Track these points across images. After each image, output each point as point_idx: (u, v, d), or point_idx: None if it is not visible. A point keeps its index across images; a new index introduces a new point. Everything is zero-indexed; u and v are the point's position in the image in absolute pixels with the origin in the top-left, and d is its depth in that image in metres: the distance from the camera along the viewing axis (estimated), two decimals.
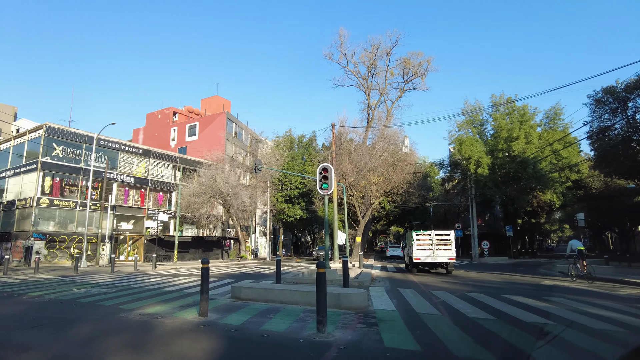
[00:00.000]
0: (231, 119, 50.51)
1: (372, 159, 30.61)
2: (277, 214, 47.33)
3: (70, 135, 31.64)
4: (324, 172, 14.13)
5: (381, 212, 44.50)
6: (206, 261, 7.17)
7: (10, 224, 31.04)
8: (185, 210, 35.54)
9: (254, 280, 15.34)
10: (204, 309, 7.04)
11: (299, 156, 50.21)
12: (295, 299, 8.56)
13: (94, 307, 8.46)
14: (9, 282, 14.82)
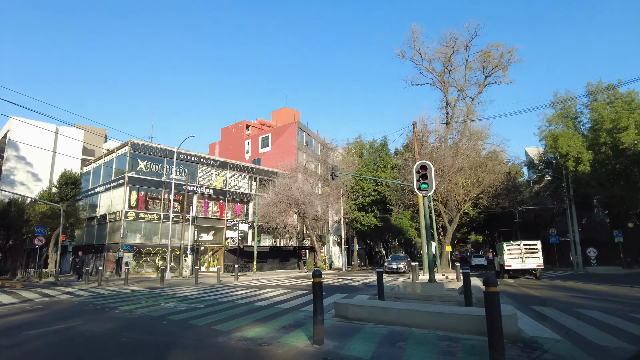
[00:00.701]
0: (302, 128, 50.31)
1: (458, 160, 28.10)
2: (350, 223, 45.90)
3: (152, 150, 32.86)
4: (422, 171, 12.49)
5: (463, 218, 41.33)
6: (318, 274, 5.87)
7: (103, 237, 32.81)
8: (262, 220, 35.40)
9: (347, 294, 13.98)
10: (318, 334, 5.72)
11: (370, 162, 48.56)
12: (420, 321, 6.97)
13: (187, 328, 7.53)
14: (102, 294, 14.83)
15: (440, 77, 36.67)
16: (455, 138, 33.50)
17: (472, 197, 30.39)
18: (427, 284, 13.23)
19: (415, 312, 7.07)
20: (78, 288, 18.12)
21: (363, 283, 20.11)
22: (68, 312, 10.00)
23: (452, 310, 6.83)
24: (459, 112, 35.42)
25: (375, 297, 12.14)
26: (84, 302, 12.26)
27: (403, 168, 33.11)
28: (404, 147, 40.33)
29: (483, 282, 4.55)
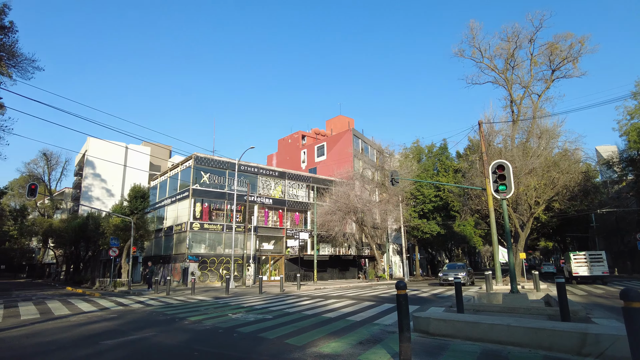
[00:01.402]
0: (357, 135, 49.78)
1: (529, 160, 26.10)
2: (410, 231, 44.39)
3: (214, 163, 33.87)
4: (499, 171, 11.48)
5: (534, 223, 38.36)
6: (403, 285, 5.26)
7: (170, 247, 34.17)
8: (321, 229, 35.15)
9: (419, 306, 13.14)
10: (406, 353, 5.09)
11: (430, 167, 46.83)
12: (517, 338, 6.09)
13: (258, 341, 7.19)
14: (171, 304, 15.11)
15: (502, 74, 34.59)
16: (522, 137, 31.32)
17: (546, 200, 28.10)
18: (508, 294, 12.10)
19: (511, 327, 6.20)
20: (149, 297, 18.72)
21: (432, 294, 19.01)
22: (141, 322, 10.12)
23: (557, 327, 5.90)
24: (525, 110, 33.11)
25: (451, 310, 11.22)
26: (154, 311, 12.47)
27: (469, 171, 31.41)
28: (466, 149, 38.38)
29: (621, 295, 3.72)
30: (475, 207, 33.23)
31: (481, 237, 54.10)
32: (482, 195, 28.23)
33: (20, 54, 21.70)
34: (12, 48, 21.32)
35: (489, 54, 34.38)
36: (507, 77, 34.02)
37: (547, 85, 33.02)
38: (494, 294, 14.10)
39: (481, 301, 14.21)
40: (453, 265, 29.90)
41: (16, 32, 21.17)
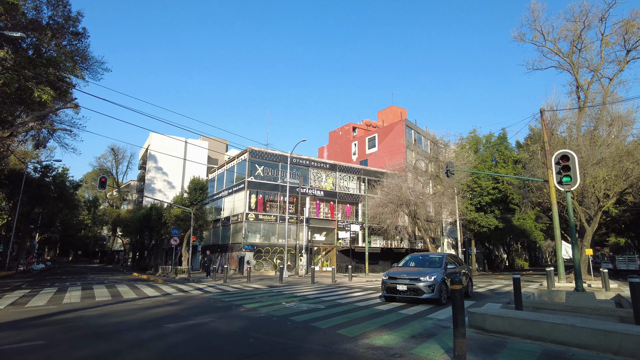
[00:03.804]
0: (409, 125, 48.72)
1: (597, 149, 24.24)
2: (466, 224, 42.86)
3: (268, 156, 34.70)
4: (563, 162, 10.78)
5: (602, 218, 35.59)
6: (458, 280, 5.13)
7: (227, 237, 35.63)
8: (372, 221, 34.98)
9: (474, 302, 12.74)
10: (460, 349, 4.97)
11: (488, 158, 44.79)
12: (583, 339, 5.74)
13: (311, 331, 7.33)
14: (228, 291, 15.76)
15: (567, 57, 32.23)
16: (589, 125, 29.12)
17: (617, 193, 25.99)
18: (573, 293, 11.40)
19: (576, 328, 5.85)
20: (207, 285, 19.64)
21: (489, 289, 18.34)
22: (200, 307, 10.66)
23: (631, 330, 5.48)
24: (593, 96, 30.68)
25: (508, 306, 10.77)
26: (212, 298, 13.07)
27: (529, 162, 29.80)
28: (527, 139, 36.35)
29: None
30: (536, 200, 31.48)
31: (542, 231, 51.20)
32: (544, 187, 26.74)
33: (91, 57, 23.43)
34: (85, 52, 23.05)
35: (552, 37, 32.16)
36: (572, 60, 31.69)
37: (620, 67, 30.37)
38: (556, 292, 13.34)
39: (542, 298, 13.51)
40: (416, 258, 13.89)
41: (88, 37, 22.83)
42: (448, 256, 13.14)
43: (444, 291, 11.28)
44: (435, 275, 11.27)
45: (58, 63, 19.49)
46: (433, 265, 12.53)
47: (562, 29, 31.98)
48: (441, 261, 12.63)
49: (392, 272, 12.12)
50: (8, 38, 16.97)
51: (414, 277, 11.32)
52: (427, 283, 11.03)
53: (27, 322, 8.06)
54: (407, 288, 10.45)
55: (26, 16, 19.08)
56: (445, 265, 12.22)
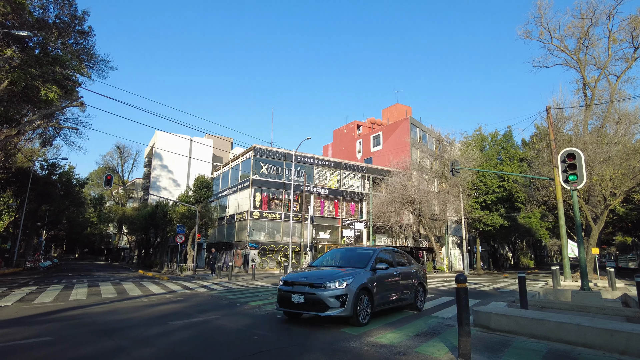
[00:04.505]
0: (414, 123, 48.58)
1: (604, 148, 24.05)
2: (471, 223, 42.73)
3: (272, 154, 34.77)
4: (569, 160, 10.72)
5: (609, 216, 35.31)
6: (463, 279, 5.11)
7: (232, 235, 35.77)
8: (377, 220, 34.99)
9: (479, 300, 12.72)
10: (465, 348, 4.97)
11: (493, 156, 44.59)
12: (589, 339, 5.70)
13: (314, 329, 7.34)
14: (233, 289, 15.82)
15: (574, 55, 32.00)
16: (596, 123, 28.89)
17: (624, 191, 25.78)
18: (578, 292, 11.36)
19: (582, 327, 5.82)
20: (212, 282, 19.73)
21: (494, 288, 18.31)
22: (205, 305, 10.71)
23: (637, 330, 5.44)
24: (600, 93, 30.44)
25: (513, 305, 10.73)
26: (217, 295, 13.13)
27: (535, 160, 29.63)
28: (533, 137, 36.14)
29: None
30: (542, 199, 31.31)
31: (548, 230, 50.93)
32: (550, 185, 26.56)
33: (97, 56, 23.55)
34: (91, 51, 23.18)
35: (558, 34, 31.94)
36: (579, 58, 31.45)
37: (628, 64, 30.12)
38: (562, 291, 13.31)
39: (547, 297, 13.48)
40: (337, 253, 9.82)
41: (94, 35, 22.95)
42: (383, 252, 9.11)
43: (363, 304, 7.48)
44: (351, 279, 7.37)
45: (64, 62, 19.62)
46: (357, 264, 8.42)
47: (569, 26, 31.73)
48: (368, 259, 8.46)
49: (290, 275, 8.22)
50: (15, 37, 17.10)
51: (317, 282, 7.38)
52: (334, 292, 7.13)
53: (35, 318, 8.14)
54: (305, 299, 7.09)
55: (33, 15, 19.21)
56: (373, 266, 8.17)
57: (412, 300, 9.41)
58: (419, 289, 9.78)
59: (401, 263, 9.52)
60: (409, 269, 9.56)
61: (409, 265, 9.76)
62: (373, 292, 7.71)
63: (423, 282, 10.06)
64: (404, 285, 9.04)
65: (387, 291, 8.35)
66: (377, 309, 8.00)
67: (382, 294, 8.12)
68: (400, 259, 9.70)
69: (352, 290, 7.20)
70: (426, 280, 10.39)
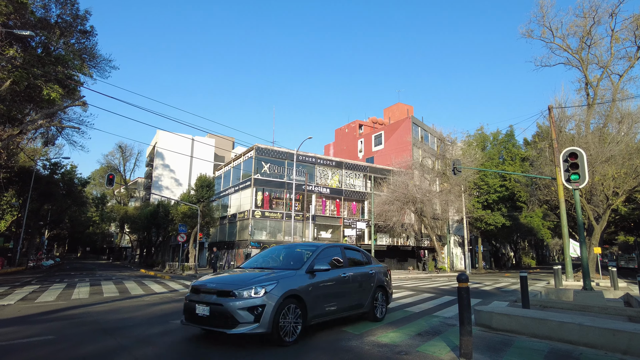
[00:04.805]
0: (416, 122, 48.55)
1: (607, 147, 24.01)
2: (473, 222, 42.70)
3: (274, 153, 34.80)
4: (571, 159, 10.70)
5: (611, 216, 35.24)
6: (465, 278, 5.11)
7: (234, 234, 35.83)
8: (378, 219, 34.99)
9: (481, 299, 12.71)
10: (466, 347, 4.97)
11: (495, 155, 44.54)
12: (590, 339, 5.70)
13: (316, 327, 7.34)
14: None
15: (576, 54, 31.94)
16: (599, 123, 28.83)
17: (626, 191, 25.73)
18: (580, 291, 11.32)
19: (584, 327, 5.81)
20: None
21: (495, 287, 18.29)
22: None
23: (639, 329, 5.43)
24: (602, 93, 30.39)
25: (515, 305, 10.73)
26: None
27: (537, 159, 29.59)
28: (535, 136, 36.09)
29: None
30: (544, 198, 31.28)
31: (550, 229, 50.87)
32: (552, 185, 26.52)
33: (99, 56, 23.58)
34: (93, 50, 23.21)
35: (560, 33, 31.88)
36: (581, 57, 31.37)
37: (630, 63, 30.05)
38: (564, 290, 13.29)
39: (549, 297, 13.46)
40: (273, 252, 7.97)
41: (96, 35, 22.98)
42: (329, 249, 7.35)
43: (290, 318, 5.79)
44: (272, 285, 5.73)
45: (66, 61, 19.66)
46: (292, 264, 6.82)
47: (571, 25, 31.66)
48: (305, 258, 6.85)
49: (202, 280, 6.41)
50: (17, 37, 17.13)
51: (226, 289, 5.73)
52: (246, 303, 5.49)
53: (37, 317, 8.18)
54: (210, 312, 5.50)
55: (35, 15, 19.25)
56: (311, 267, 6.48)
57: (369, 308, 7.70)
58: (379, 294, 8.03)
59: (357, 263, 7.91)
60: (365, 271, 7.85)
61: (366, 266, 8.05)
62: (306, 301, 6.01)
63: (385, 287, 8.30)
64: (356, 290, 7.38)
65: (330, 298, 6.64)
66: (313, 321, 6.27)
67: (322, 303, 6.40)
68: (355, 257, 8.08)
69: (273, 299, 5.52)
70: (390, 284, 8.69)
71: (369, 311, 7.75)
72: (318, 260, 6.71)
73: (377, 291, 7.96)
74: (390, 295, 8.58)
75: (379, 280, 8.10)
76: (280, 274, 6.15)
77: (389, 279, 8.70)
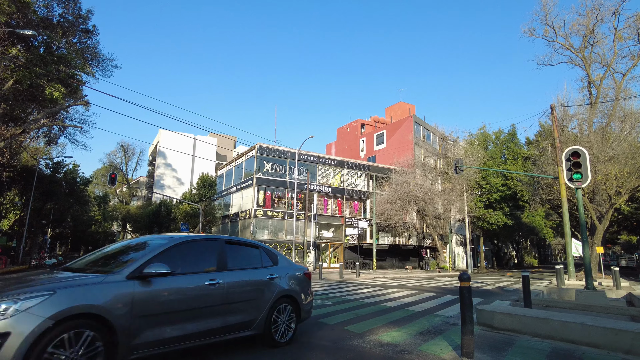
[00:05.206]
0: (418, 122, 48.50)
1: (609, 146, 23.96)
2: (475, 221, 42.65)
3: (276, 152, 34.83)
4: (573, 158, 10.68)
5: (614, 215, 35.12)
6: (467, 277, 5.11)
7: (235, 233, 35.89)
8: (380, 218, 35.00)
9: (483, 299, 12.71)
10: (468, 346, 4.97)
11: (497, 154, 44.47)
12: (593, 338, 5.69)
13: (318, 326, 7.36)
14: None
15: (579, 52, 31.84)
16: (601, 122, 28.76)
17: (629, 190, 25.67)
18: (583, 291, 11.32)
19: (586, 326, 5.81)
20: None
21: (497, 287, 18.28)
22: None
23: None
24: (605, 92, 30.31)
25: (517, 304, 10.73)
26: None
27: (539, 159, 29.55)
28: (537, 135, 36.03)
29: None
30: (546, 197, 31.24)
31: (552, 228, 50.81)
32: (554, 184, 26.47)
33: (101, 55, 23.64)
34: (95, 49, 23.27)
35: (563, 32, 31.79)
36: (584, 55, 31.29)
37: (634, 62, 29.95)
38: (566, 290, 13.28)
39: (551, 296, 13.46)
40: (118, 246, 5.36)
41: (98, 34, 23.03)
42: (187, 244, 5.02)
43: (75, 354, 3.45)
44: (37, 300, 3.38)
45: (69, 60, 19.70)
46: (111, 267, 4.54)
47: (574, 23, 31.57)
48: (137, 257, 4.56)
49: None
50: (20, 36, 17.19)
51: None
52: None
53: None
54: None
55: (37, 14, 19.30)
56: (140, 270, 4.24)
57: (262, 328, 5.39)
58: (283, 307, 5.77)
59: (246, 264, 5.63)
60: (258, 277, 5.57)
61: (263, 269, 5.77)
62: (117, 324, 3.79)
63: (295, 297, 5.99)
64: (236, 303, 5.10)
65: (179, 318, 4.47)
66: (139, 354, 4.00)
67: (159, 325, 4.24)
68: (245, 256, 5.77)
69: (29, 322, 3.22)
70: (308, 293, 6.39)
71: (263, 333, 5.45)
72: (158, 260, 4.39)
73: (279, 304, 5.70)
74: (305, 309, 6.21)
75: (284, 288, 5.83)
76: (73, 280, 3.89)
77: (305, 286, 6.37)
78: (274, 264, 6.04)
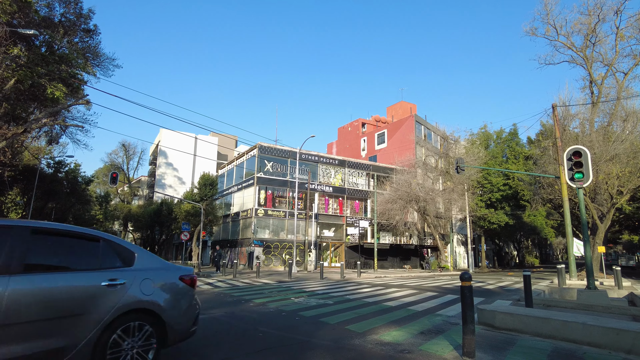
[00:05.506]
0: (419, 121, 48.45)
1: (611, 145, 23.92)
2: (476, 221, 42.61)
3: (277, 152, 34.84)
4: (575, 157, 10.65)
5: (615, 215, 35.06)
6: (468, 277, 5.11)
7: (237, 232, 35.93)
8: (381, 217, 35.00)
9: (484, 298, 12.70)
10: (469, 346, 4.97)
11: (498, 154, 44.41)
12: (594, 338, 5.68)
13: (319, 326, 7.37)
14: (238, 286, 15.89)
15: (581, 52, 31.78)
16: (603, 121, 28.71)
17: (631, 190, 25.63)
18: (584, 290, 11.29)
19: (587, 326, 5.80)
20: (217, 279, 19.82)
21: (498, 286, 18.26)
22: (210, 302, 10.77)
23: None
24: (607, 91, 30.25)
25: (518, 304, 10.72)
26: (222, 293, 13.20)
27: (541, 158, 29.52)
28: (538, 135, 35.97)
29: None
30: (547, 197, 31.19)
31: (553, 228, 50.75)
32: (556, 183, 26.42)
33: (102, 54, 23.66)
34: (96, 49, 23.29)
35: (565, 31, 31.73)
36: (586, 55, 31.22)
37: (636, 61, 29.87)
38: (567, 289, 13.27)
39: (552, 296, 13.45)
40: None
41: (99, 34, 23.04)
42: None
43: None
44: None
45: (70, 60, 19.72)
46: None
47: (576, 22, 31.51)
48: None
49: None
50: (22, 36, 17.21)
51: None
52: None
53: None
54: None
55: (39, 14, 19.32)
56: None
57: (89, 356, 3.61)
58: (132, 325, 3.99)
59: (73, 261, 3.98)
60: (80, 282, 3.77)
61: (98, 271, 3.97)
62: None
63: (159, 312, 4.19)
64: (28, 323, 3.35)
65: None
66: None
67: None
68: (59, 251, 3.94)
69: None
70: (181, 307, 4.48)
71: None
72: None
73: (126, 321, 3.93)
74: (176, 328, 4.34)
75: (137, 299, 4.06)
76: None
77: (180, 297, 4.54)
78: (124, 265, 4.24)
